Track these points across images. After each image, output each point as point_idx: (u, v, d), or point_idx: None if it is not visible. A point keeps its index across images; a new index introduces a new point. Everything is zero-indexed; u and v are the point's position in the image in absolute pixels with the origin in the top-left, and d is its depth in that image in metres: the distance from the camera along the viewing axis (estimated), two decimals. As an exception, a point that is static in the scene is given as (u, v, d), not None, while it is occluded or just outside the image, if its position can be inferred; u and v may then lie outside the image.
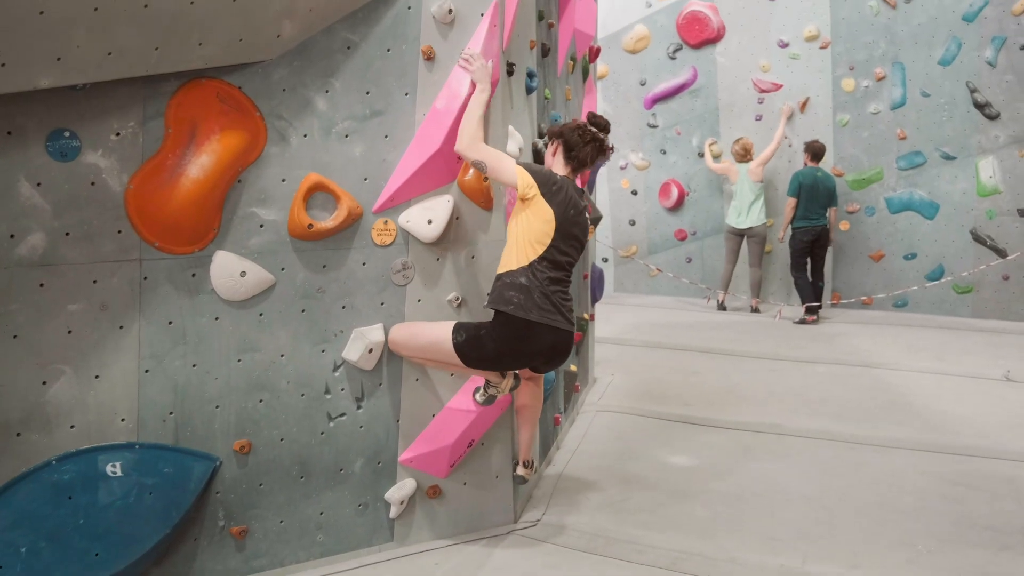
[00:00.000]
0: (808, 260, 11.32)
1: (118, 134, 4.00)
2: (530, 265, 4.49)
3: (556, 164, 4.83)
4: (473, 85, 4.56)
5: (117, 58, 3.68)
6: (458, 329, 4.51)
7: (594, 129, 4.89)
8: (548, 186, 4.55)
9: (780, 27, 12.16)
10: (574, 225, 4.63)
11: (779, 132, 11.85)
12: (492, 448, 5.03)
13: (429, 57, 4.61)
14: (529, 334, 4.46)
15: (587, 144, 4.79)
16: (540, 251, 4.51)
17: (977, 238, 11.39)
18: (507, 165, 4.51)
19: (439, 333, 4.54)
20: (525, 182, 4.49)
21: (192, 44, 3.93)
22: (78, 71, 3.60)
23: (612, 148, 5.07)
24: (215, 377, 4.35)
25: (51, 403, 3.95)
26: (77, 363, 4.01)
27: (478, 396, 4.70)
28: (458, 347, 4.48)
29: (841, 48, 11.87)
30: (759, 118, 12.31)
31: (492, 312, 4.54)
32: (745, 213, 11.73)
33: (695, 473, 5.98)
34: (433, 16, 4.61)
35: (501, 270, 4.57)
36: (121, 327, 4.11)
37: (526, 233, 4.52)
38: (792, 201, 11.15)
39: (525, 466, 5.06)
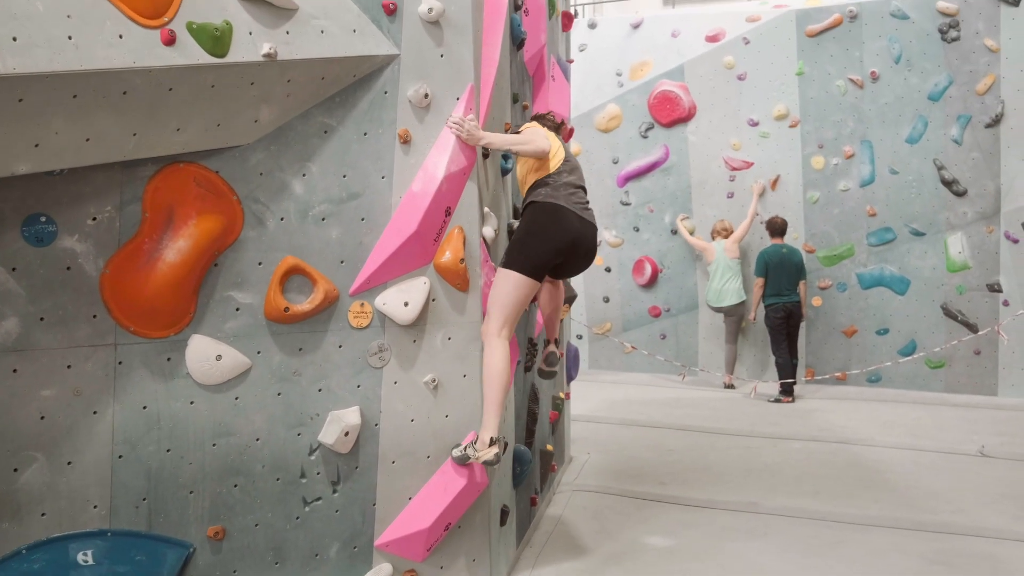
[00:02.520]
0: (785, 337, 11.36)
1: (95, 219, 4.01)
2: (550, 175, 5.16)
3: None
4: (473, 149, 4.77)
5: (95, 144, 3.70)
6: (501, 260, 5.02)
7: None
8: (546, 126, 5.42)
9: (750, 106, 12.35)
10: (574, 169, 5.35)
11: (751, 209, 11.98)
12: (469, 531, 4.97)
13: (405, 140, 4.66)
14: (558, 216, 5.02)
15: (546, 116, 5.66)
16: (559, 164, 5.19)
17: (948, 313, 11.49)
18: (535, 133, 5.16)
19: (498, 281, 4.93)
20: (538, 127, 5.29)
21: (170, 130, 3.96)
22: (56, 157, 3.61)
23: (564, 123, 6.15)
24: (189, 462, 4.31)
25: (22, 490, 3.91)
26: (49, 449, 3.98)
27: (455, 451, 4.72)
28: (508, 264, 4.91)
29: (810, 126, 12.05)
30: (731, 195, 12.43)
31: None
32: (723, 292, 11.80)
33: (673, 554, 5.93)
34: (409, 100, 4.67)
35: (529, 185, 5.25)
36: (95, 412, 4.08)
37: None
38: (760, 281, 11.23)
39: (557, 344, 5.82)
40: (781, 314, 11.17)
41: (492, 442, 4.65)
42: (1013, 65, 11.07)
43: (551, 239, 4.99)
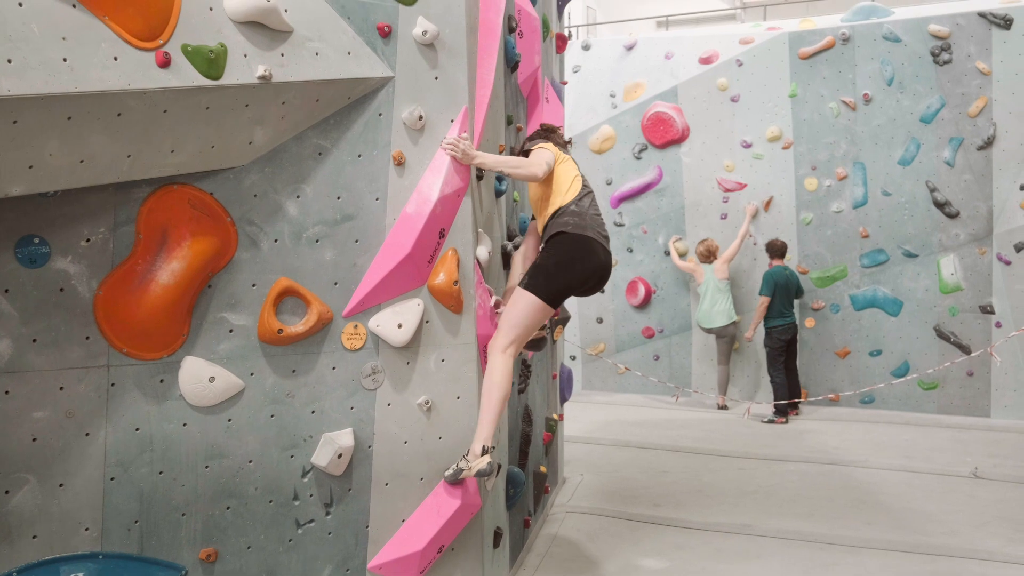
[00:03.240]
0: (786, 358, 11.41)
1: (88, 240, 4.01)
2: (576, 199, 5.18)
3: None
4: (467, 171, 4.80)
5: (89, 165, 3.70)
6: (522, 282, 5.02)
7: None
8: (562, 150, 5.42)
9: (743, 128, 12.39)
10: (593, 196, 5.38)
11: (743, 230, 11.99)
12: (462, 553, 4.95)
13: (399, 162, 4.67)
14: (586, 247, 5.06)
15: (553, 132, 5.64)
16: (579, 189, 5.24)
17: (941, 335, 11.51)
18: (538, 156, 5.15)
19: (516, 301, 4.96)
20: (556, 155, 5.25)
21: (164, 151, 3.96)
22: (50, 179, 3.61)
23: (571, 142, 6.05)
24: (182, 484, 4.30)
25: (13, 513, 3.90)
26: (41, 472, 3.96)
27: (447, 472, 4.69)
28: (531, 287, 4.94)
29: (803, 148, 12.09)
30: (724, 217, 12.46)
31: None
32: (713, 313, 11.81)
33: (667, 576, 5.93)
34: (404, 122, 4.68)
35: (551, 210, 5.18)
36: (87, 434, 4.07)
37: (564, 180, 5.22)
38: (765, 300, 11.21)
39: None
40: (787, 336, 11.26)
41: (484, 451, 4.63)
42: (1005, 88, 11.14)
43: (580, 271, 5.06)
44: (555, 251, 5.06)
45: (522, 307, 4.93)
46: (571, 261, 5.02)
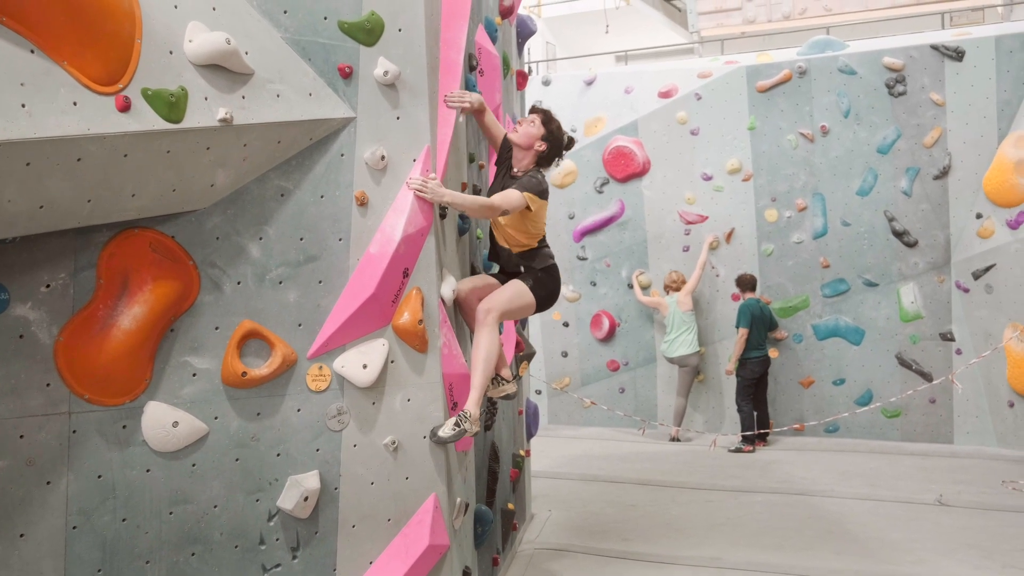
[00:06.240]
0: (756, 389, 11.52)
1: (48, 286, 3.98)
2: (543, 240, 5.58)
3: (528, 158, 5.55)
4: (430, 210, 4.80)
5: (49, 211, 3.66)
6: (526, 282, 5.40)
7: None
8: (543, 193, 5.37)
9: (703, 161, 12.48)
10: None
11: (701, 259, 12.06)
12: (431, 595, 4.92)
13: (362, 203, 4.66)
14: (558, 279, 5.65)
15: (558, 155, 5.80)
16: (544, 231, 5.59)
17: (903, 363, 11.60)
18: (515, 199, 5.16)
19: (515, 289, 5.34)
20: (534, 201, 5.24)
21: (125, 195, 3.93)
22: (9, 225, 3.57)
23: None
24: (145, 531, 4.24)
25: (-27, 565, 3.83)
26: (1, 522, 3.91)
27: (443, 431, 4.69)
28: (533, 291, 5.37)
29: (763, 180, 12.19)
30: (686, 249, 12.53)
31: None
32: (676, 342, 11.85)
33: (637, 612, 5.90)
34: (366, 162, 4.69)
35: (528, 247, 5.48)
36: (48, 483, 4.02)
37: (535, 223, 5.42)
38: (744, 332, 11.26)
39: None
40: (762, 369, 11.39)
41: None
42: (958, 118, 11.30)
43: (556, 294, 5.63)
44: (552, 279, 5.56)
45: (518, 295, 5.32)
46: (557, 288, 5.61)
